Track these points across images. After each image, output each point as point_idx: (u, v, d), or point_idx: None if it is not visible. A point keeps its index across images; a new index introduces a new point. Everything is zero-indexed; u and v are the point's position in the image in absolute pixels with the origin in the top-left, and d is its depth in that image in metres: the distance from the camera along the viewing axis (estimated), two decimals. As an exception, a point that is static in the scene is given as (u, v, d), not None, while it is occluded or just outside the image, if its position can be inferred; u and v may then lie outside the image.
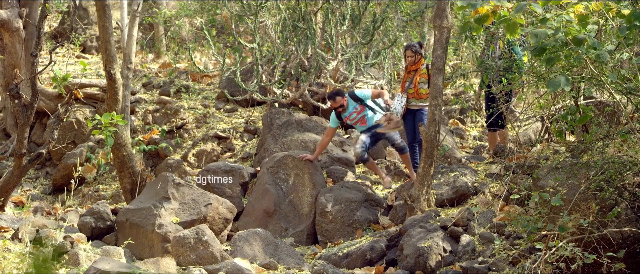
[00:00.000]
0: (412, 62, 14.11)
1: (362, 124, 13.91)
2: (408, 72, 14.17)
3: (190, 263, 10.94)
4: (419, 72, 14.09)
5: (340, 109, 13.83)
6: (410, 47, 14.18)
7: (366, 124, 13.88)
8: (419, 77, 14.06)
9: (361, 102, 13.85)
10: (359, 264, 12.03)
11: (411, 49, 14.15)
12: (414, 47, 14.15)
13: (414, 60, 14.11)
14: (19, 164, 12.81)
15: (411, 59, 14.11)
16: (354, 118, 13.94)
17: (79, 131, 17.74)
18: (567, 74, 9.26)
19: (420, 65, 14.12)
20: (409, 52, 14.11)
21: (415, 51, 14.09)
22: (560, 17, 8.92)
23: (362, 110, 13.83)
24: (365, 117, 13.87)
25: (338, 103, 13.80)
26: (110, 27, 13.86)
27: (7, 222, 11.84)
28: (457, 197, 12.93)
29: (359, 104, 13.86)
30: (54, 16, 24.56)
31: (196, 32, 22.86)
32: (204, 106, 18.31)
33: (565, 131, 12.70)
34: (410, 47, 14.18)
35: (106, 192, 16.33)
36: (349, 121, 13.95)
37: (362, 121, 13.90)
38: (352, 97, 13.92)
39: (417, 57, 14.08)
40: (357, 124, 13.98)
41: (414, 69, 14.13)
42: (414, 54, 14.10)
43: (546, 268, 9.72)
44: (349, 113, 13.90)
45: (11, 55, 17.33)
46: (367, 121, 13.88)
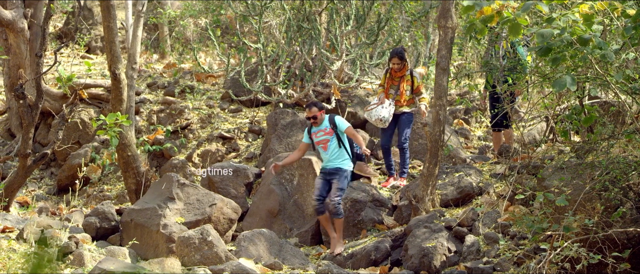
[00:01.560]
0: (398, 68, 14.15)
1: (323, 149, 13.06)
2: (392, 78, 14.23)
3: (194, 263, 10.94)
4: (405, 79, 14.18)
5: (313, 120, 13.07)
6: (397, 54, 14.16)
7: (327, 150, 13.01)
8: (405, 84, 14.14)
9: (334, 127, 13.09)
10: (364, 265, 12.03)
11: (398, 55, 14.15)
12: (401, 54, 14.18)
13: (401, 67, 14.16)
14: (23, 164, 12.82)
15: (398, 66, 14.14)
16: (319, 137, 13.12)
17: (83, 131, 17.75)
18: (572, 74, 9.25)
19: (405, 72, 14.22)
20: (396, 60, 14.12)
21: (402, 57, 14.13)
22: (565, 16, 8.91)
23: (331, 134, 13.04)
24: (328, 142, 13.03)
25: (312, 113, 13.06)
26: (115, 28, 13.86)
27: (12, 222, 11.85)
28: (462, 197, 12.93)
29: (331, 127, 13.10)
30: (59, 16, 24.58)
31: (201, 33, 22.87)
32: (208, 106, 18.30)
33: (570, 131, 12.70)
34: (397, 54, 14.16)
35: (111, 193, 16.33)
36: (315, 138, 13.13)
37: (324, 145, 13.06)
38: (329, 118, 13.19)
39: (403, 63, 14.15)
40: (319, 145, 13.12)
41: (399, 75, 14.22)
42: (400, 61, 14.13)
43: (551, 268, 9.71)
44: (319, 129, 13.13)
45: (16, 55, 17.34)
46: (329, 148, 13.01)
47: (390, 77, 14.30)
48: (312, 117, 13.03)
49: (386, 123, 14.13)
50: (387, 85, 14.27)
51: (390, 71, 14.28)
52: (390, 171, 14.55)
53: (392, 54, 14.25)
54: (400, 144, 14.32)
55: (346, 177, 12.84)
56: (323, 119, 13.07)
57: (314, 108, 13.08)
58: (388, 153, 14.45)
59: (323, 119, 13.07)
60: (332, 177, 12.82)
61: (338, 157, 12.91)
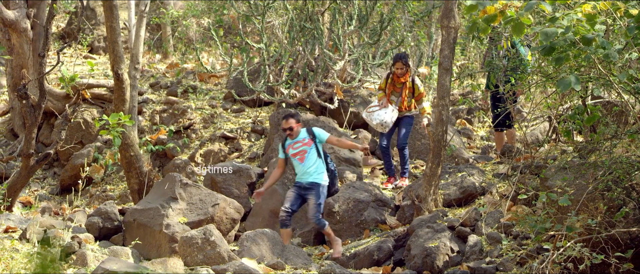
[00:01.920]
0: (401, 73, 14.16)
1: (300, 161, 12.72)
2: (394, 84, 14.23)
3: (197, 263, 10.94)
4: (407, 86, 14.24)
5: (289, 132, 12.76)
6: (401, 59, 14.18)
7: (304, 161, 12.70)
8: (407, 91, 14.22)
9: (313, 137, 12.77)
10: (367, 265, 12.02)
11: (402, 60, 14.17)
12: (405, 59, 14.19)
13: (404, 72, 14.18)
14: (26, 164, 12.82)
15: (401, 71, 14.14)
16: (296, 148, 12.79)
17: (86, 131, 17.76)
18: (575, 73, 9.24)
19: (408, 78, 14.26)
20: (399, 64, 14.15)
21: (406, 63, 14.15)
22: (568, 16, 8.90)
23: (309, 144, 12.73)
24: (306, 154, 12.70)
25: (289, 124, 12.70)
26: (118, 28, 13.87)
27: (15, 222, 11.86)
28: (465, 197, 12.93)
29: (309, 137, 12.77)
30: (62, 17, 24.59)
31: (203, 33, 22.87)
32: (211, 106, 18.31)
33: (573, 131, 12.68)
34: (401, 59, 14.18)
35: (114, 193, 16.34)
36: (291, 150, 12.79)
37: (301, 157, 12.75)
38: (307, 129, 12.89)
39: (406, 68, 14.18)
40: (296, 157, 12.83)
41: (402, 81, 14.25)
42: (404, 66, 14.15)
43: (554, 268, 9.70)
44: (296, 140, 12.78)
45: (19, 55, 17.35)
46: (306, 159, 12.70)
47: (392, 82, 14.29)
48: (288, 129, 12.72)
49: (386, 128, 14.17)
50: (389, 90, 14.26)
51: (392, 75, 14.27)
52: (390, 172, 14.57)
53: (395, 58, 14.23)
54: (400, 144, 14.35)
55: (323, 192, 12.65)
56: (299, 131, 12.80)
57: (291, 120, 12.74)
58: (387, 154, 14.48)
59: (299, 131, 12.80)
60: (308, 193, 12.62)
61: (315, 170, 12.69)
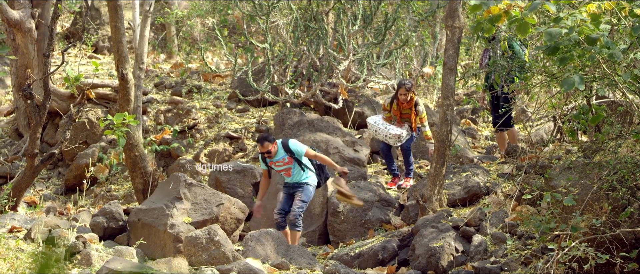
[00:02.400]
0: (405, 100, 14.29)
1: (286, 175, 12.69)
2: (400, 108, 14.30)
3: (202, 263, 10.94)
4: (413, 112, 14.38)
5: (267, 155, 12.58)
6: (404, 85, 14.25)
7: (291, 176, 12.65)
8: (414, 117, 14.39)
9: (291, 155, 12.63)
10: (371, 265, 12.03)
11: (406, 87, 14.23)
12: (407, 85, 14.24)
13: (407, 99, 14.28)
14: (31, 164, 12.84)
15: (404, 97, 14.26)
16: (279, 167, 12.71)
17: (91, 131, 17.77)
18: (580, 73, 9.24)
19: (413, 104, 14.36)
20: (402, 90, 14.24)
21: (409, 89, 14.22)
22: (573, 16, 8.90)
23: (290, 162, 12.61)
24: (291, 170, 12.63)
25: (266, 148, 12.53)
26: (122, 28, 13.87)
27: (20, 222, 11.87)
28: (469, 197, 12.92)
29: (288, 155, 12.63)
30: (66, 17, 24.60)
31: (208, 32, 22.87)
32: (215, 106, 18.31)
33: (577, 130, 12.68)
34: (404, 85, 14.25)
35: (118, 193, 16.35)
36: (275, 167, 12.72)
37: (287, 173, 12.67)
38: (284, 147, 12.66)
39: (409, 95, 14.26)
40: (281, 173, 12.78)
41: (408, 106, 14.39)
42: (407, 92, 14.23)
43: (559, 268, 9.70)
44: (276, 160, 12.66)
45: (23, 55, 17.36)
46: (292, 174, 12.65)
47: (397, 107, 14.35)
48: (266, 153, 12.55)
49: (397, 144, 14.29)
50: (397, 115, 14.42)
51: (397, 99, 14.34)
52: (394, 173, 14.58)
53: (399, 84, 14.39)
54: (404, 144, 14.34)
55: (311, 192, 12.63)
56: (277, 150, 12.63)
57: (265, 143, 12.55)
58: (389, 156, 14.48)
59: (277, 149, 12.63)
60: (296, 190, 12.62)
61: (303, 176, 12.67)
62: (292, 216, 12.45)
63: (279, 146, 12.64)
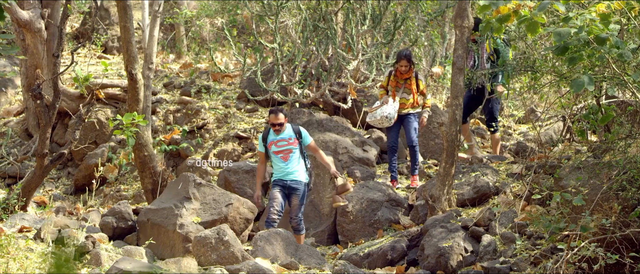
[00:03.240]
0: (405, 70, 14.25)
1: (283, 159, 12.49)
2: (397, 80, 14.22)
3: (211, 263, 10.95)
4: (411, 81, 14.29)
5: (277, 127, 12.47)
6: (406, 56, 14.22)
7: (287, 160, 12.50)
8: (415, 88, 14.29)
9: (299, 138, 12.54)
10: (380, 264, 12.02)
11: (407, 58, 14.20)
12: (409, 56, 14.25)
13: (408, 69, 14.25)
14: (41, 164, 12.86)
15: (406, 68, 14.23)
16: (280, 147, 12.51)
17: (100, 131, 17.80)
18: (589, 73, 9.22)
19: (411, 74, 14.30)
20: (404, 62, 14.20)
21: (410, 60, 14.23)
22: (582, 16, 8.88)
23: (295, 144, 12.51)
24: (290, 154, 12.49)
25: (280, 120, 12.46)
26: (132, 28, 13.89)
27: (30, 222, 11.90)
28: (479, 197, 12.90)
29: (295, 137, 12.55)
30: (76, 17, 24.64)
31: (217, 33, 22.88)
32: (224, 106, 18.32)
33: (587, 130, 12.66)
34: (406, 56, 14.22)
35: (127, 193, 16.37)
36: (274, 147, 12.51)
37: (285, 156, 12.50)
38: (293, 128, 12.64)
39: (410, 65, 14.26)
40: (279, 155, 12.50)
41: (405, 77, 14.30)
42: (408, 63, 14.22)
43: (568, 268, 9.68)
44: (281, 138, 12.53)
45: (33, 55, 17.39)
46: (290, 159, 12.47)
47: (395, 79, 14.29)
48: (278, 124, 12.47)
49: (391, 121, 14.10)
50: (393, 87, 14.25)
51: (395, 72, 14.27)
52: (392, 174, 14.45)
53: (400, 56, 14.29)
54: (410, 142, 14.30)
55: (305, 191, 12.56)
56: (286, 127, 12.60)
57: (280, 115, 12.51)
58: (394, 153, 14.38)
59: (285, 127, 12.60)
60: (292, 192, 12.47)
61: (298, 169, 12.53)
62: (295, 222, 12.45)
63: (288, 126, 12.61)
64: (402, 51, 14.47)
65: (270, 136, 12.57)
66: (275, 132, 12.52)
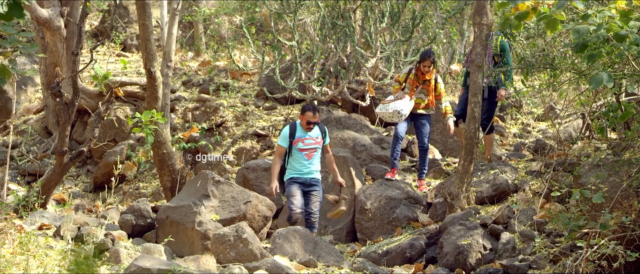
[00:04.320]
0: (427, 71, 14.01)
1: (307, 157, 12.46)
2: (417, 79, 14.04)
3: (230, 260, 10.96)
4: (431, 83, 14.07)
5: (311, 126, 12.49)
6: (430, 57, 13.97)
7: (311, 159, 12.45)
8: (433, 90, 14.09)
9: (323, 137, 12.58)
10: (399, 262, 12.01)
11: (431, 58, 13.97)
12: (433, 57, 14.02)
13: (430, 70, 14.04)
14: (60, 162, 12.91)
15: (428, 68, 13.99)
16: (307, 145, 12.51)
17: (119, 129, 17.84)
18: (608, 70, 9.19)
19: (432, 76, 14.09)
20: (428, 62, 13.93)
21: (434, 61, 14.02)
22: (601, 13, 8.85)
23: (320, 144, 12.55)
24: (315, 152, 12.54)
25: (316, 119, 12.51)
26: (150, 26, 13.92)
27: (49, 219, 11.95)
28: (497, 194, 12.87)
29: (321, 136, 12.60)
30: (95, 15, 24.71)
31: (235, 30, 22.90)
32: (243, 103, 18.34)
33: (606, 128, 12.62)
34: (430, 57, 13.97)
35: (146, 190, 16.41)
36: (301, 144, 12.46)
37: (310, 154, 12.49)
38: (319, 127, 12.64)
39: (433, 66, 14.05)
40: (303, 152, 12.47)
41: (425, 78, 14.07)
42: (432, 64, 14.00)
43: (588, 266, 9.65)
44: (309, 136, 12.53)
45: (52, 53, 17.45)
46: (314, 157, 12.49)
47: (415, 78, 14.10)
48: (314, 122, 12.47)
49: (402, 118, 13.90)
50: (412, 84, 14.11)
51: (417, 71, 14.09)
52: (393, 163, 14.18)
53: (424, 55, 14.03)
54: (422, 145, 14.18)
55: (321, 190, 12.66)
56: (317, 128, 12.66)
57: (317, 113, 12.57)
58: (398, 142, 14.13)
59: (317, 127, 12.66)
60: (312, 189, 12.52)
61: (317, 168, 12.61)
62: (313, 218, 12.43)
63: (317, 126, 12.61)
64: (426, 51, 14.23)
65: (299, 132, 12.53)
66: (307, 130, 12.50)
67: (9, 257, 9.58)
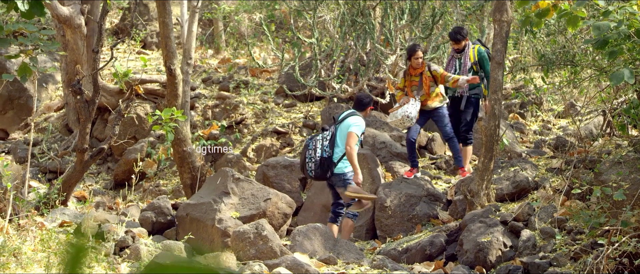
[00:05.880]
0: (417, 65, 13.76)
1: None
2: (411, 78, 13.88)
3: (249, 257, 10.98)
4: (425, 76, 13.81)
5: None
6: (416, 49, 13.75)
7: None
8: (428, 81, 13.80)
9: None
10: (419, 259, 12.00)
11: (420, 49, 13.82)
12: (419, 47, 13.85)
13: (420, 63, 13.78)
14: (81, 159, 12.95)
15: (418, 61, 13.73)
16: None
17: (139, 126, 17.90)
18: (630, 67, 9.15)
19: (424, 69, 13.82)
20: (416, 54, 13.68)
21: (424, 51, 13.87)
22: (623, 9, 8.81)
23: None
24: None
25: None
26: (170, 23, 13.95)
27: (70, 217, 11.99)
28: (518, 192, 12.83)
29: None
30: (115, 13, 24.79)
31: (255, 28, 22.93)
32: (263, 101, 18.36)
33: (627, 124, 12.56)
34: (416, 49, 13.75)
35: (167, 187, 16.44)
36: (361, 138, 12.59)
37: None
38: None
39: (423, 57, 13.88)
40: None
41: (417, 72, 13.84)
42: (422, 55, 13.82)
43: (609, 263, 9.62)
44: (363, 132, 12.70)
45: (73, 51, 17.52)
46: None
47: (409, 78, 13.95)
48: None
49: (412, 121, 13.70)
50: (408, 86, 13.97)
51: (408, 70, 13.95)
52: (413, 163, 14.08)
53: (412, 49, 13.78)
54: (446, 136, 14.07)
55: None
56: None
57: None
58: (413, 147, 14.08)
59: None
60: None
61: None
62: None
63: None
64: (410, 46, 14.02)
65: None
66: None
67: (30, 254, 9.63)
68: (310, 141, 12.47)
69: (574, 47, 13.18)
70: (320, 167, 12.27)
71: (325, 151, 12.30)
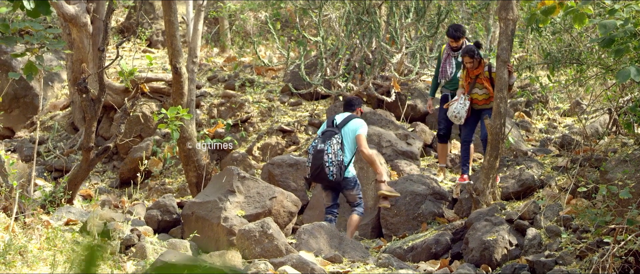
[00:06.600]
0: (472, 67, 13.48)
1: None
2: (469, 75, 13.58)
3: (255, 256, 10.98)
4: (483, 77, 13.53)
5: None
6: (468, 53, 13.38)
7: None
8: (485, 82, 13.50)
9: None
10: (424, 258, 11.99)
11: (469, 54, 13.36)
12: (472, 52, 13.38)
13: (475, 65, 13.49)
14: (87, 157, 12.96)
15: (471, 65, 13.45)
16: None
17: (145, 124, 17.90)
18: (636, 65, 9.14)
19: (483, 69, 13.54)
20: (467, 59, 13.39)
21: (473, 55, 13.37)
22: (629, 7, 8.80)
23: None
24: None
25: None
26: (176, 22, 13.96)
27: (76, 215, 12.00)
28: (523, 190, 12.82)
29: None
30: (121, 11, 24.78)
31: (261, 26, 22.92)
32: (268, 99, 18.36)
33: (633, 123, 12.54)
34: (468, 53, 13.38)
35: (172, 186, 16.45)
36: None
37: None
38: None
39: (477, 60, 13.46)
40: None
41: (476, 73, 13.55)
42: (472, 60, 13.42)
43: (614, 262, 9.61)
44: None
45: (79, 50, 17.53)
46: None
47: (466, 74, 13.74)
48: None
49: (461, 119, 13.52)
50: (466, 82, 13.68)
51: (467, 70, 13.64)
52: (463, 167, 13.90)
53: (463, 53, 13.51)
54: (466, 138, 13.86)
55: None
56: None
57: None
58: (467, 148, 13.87)
59: None
60: None
61: None
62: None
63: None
64: (466, 48, 13.61)
65: None
66: None
67: (36, 252, 9.64)
68: (324, 145, 12.40)
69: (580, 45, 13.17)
70: (339, 171, 12.32)
71: (339, 155, 12.34)
